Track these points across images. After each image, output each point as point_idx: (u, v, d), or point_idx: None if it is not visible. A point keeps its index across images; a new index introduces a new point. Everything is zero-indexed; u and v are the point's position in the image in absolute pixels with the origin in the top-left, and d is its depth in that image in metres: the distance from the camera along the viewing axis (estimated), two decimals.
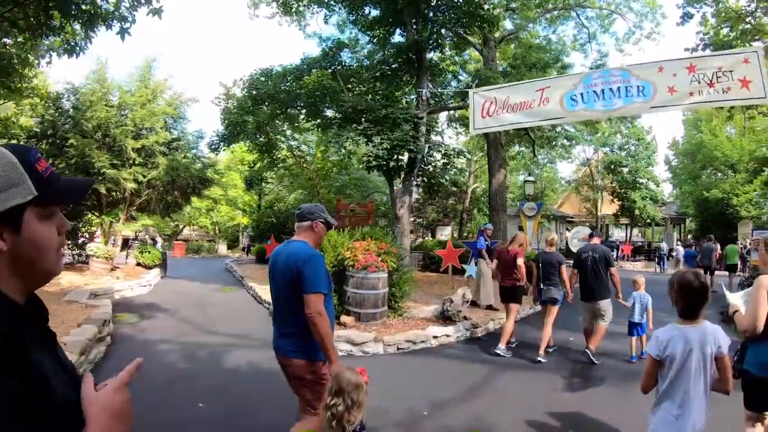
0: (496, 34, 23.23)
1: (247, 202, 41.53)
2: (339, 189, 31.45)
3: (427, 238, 35.68)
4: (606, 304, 9.27)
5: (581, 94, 10.74)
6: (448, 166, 16.03)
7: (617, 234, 51.90)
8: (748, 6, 19.07)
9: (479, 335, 11.43)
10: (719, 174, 43.26)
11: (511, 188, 41.70)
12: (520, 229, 18.49)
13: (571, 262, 10.05)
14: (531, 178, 22.86)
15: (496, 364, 9.09)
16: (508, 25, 25.63)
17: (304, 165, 29.57)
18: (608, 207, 43.42)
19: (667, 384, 3.67)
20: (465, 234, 34.77)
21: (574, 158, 44.96)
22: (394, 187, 16.65)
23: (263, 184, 36.12)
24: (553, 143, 27.28)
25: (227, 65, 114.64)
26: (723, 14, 19.04)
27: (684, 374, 3.59)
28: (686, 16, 18.39)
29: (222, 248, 47.95)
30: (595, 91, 10.62)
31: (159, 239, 42.90)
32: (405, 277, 12.36)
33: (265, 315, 12.78)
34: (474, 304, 13.34)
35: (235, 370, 8.38)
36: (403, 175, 14.63)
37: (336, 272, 11.03)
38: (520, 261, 9.78)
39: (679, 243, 36.60)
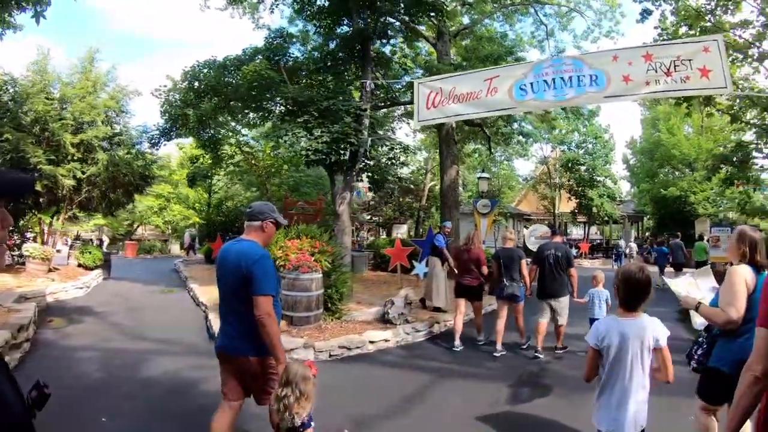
0: (452, 28, 22.68)
1: (198, 200, 40.54)
2: (294, 186, 30.46)
3: (382, 237, 35.34)
4: (564, 302, 9.46)
5: (531, 83, 10.10)
6: (393, 161, 15.28)
7: (575, 232, 52.19)
8: (708, 4, 18.83)
9: (421, 340, 10.76)
10: (677, 172, 43.65)
11: (469, 186, 41.39)
12: (475, 227, 17.97)
13: (529, 259, 10.24)
14: (485, 175, 22.26)
15: (436, 371, 8.42)
16: (465, 20, 25.12)
17: (253, 162, 28.65)
18: (566, 205, 43.62)
19: (605, 374, 3.84)
20: (421, 232, 34.30)
21: (530, 156, 45.08)
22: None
23: (212, 181, 35.04)
24: (509, 140, 26.71)
25: (182, 60, 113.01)
26: (683, 12, 18.79)
27: (620, 365, 3.75)
28: (645, 13, 18.06)
29: (175, 248, 46.84)
30: (545, 81, 9.99)
31: (105, 239, 41.83)
32: (343, 278, 11.64)
33: (200, 319, 12.14)
34: (424, 304, 12.86)
35: (152, 379, 7.72)
36: (344, 170, 13.90)
37: None
38: (485, 269, 10.15)
39: (632, 241, 37.23)
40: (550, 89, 9.94)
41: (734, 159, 24.19)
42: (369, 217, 37.68)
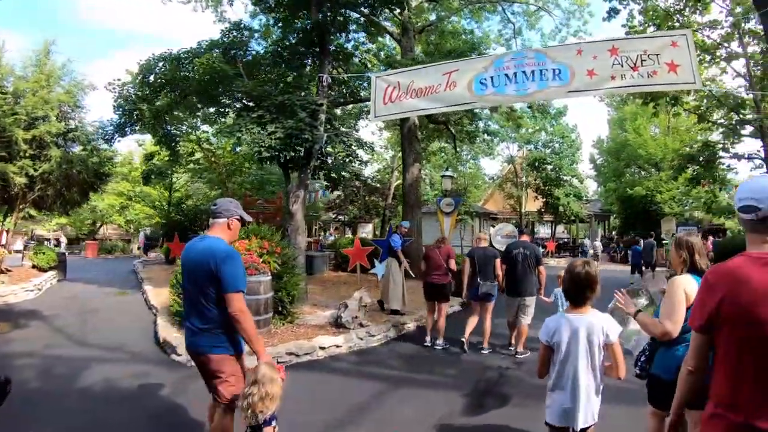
0: (418, 24, 22.30)
1: (159, 199, 39.66)
2: (259, 185, 29.87)
3: (345, 236, 34.84)
4: (531, 300, 9.47)
5: (491, 77, 9.71)
6: (351, 158, 14.76)
7: (543, 231, 52.37)
8: (677, 4, 18.75)
9: (376, 345, 10.25)
10: (643, 172, 44.20)
11: (436, 185, 41.03)
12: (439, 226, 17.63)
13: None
14: (449, 173, 21.76)
15: (390, 379, 7.98)
16: (433, 17, 24.68)
17: (213, 159, 27.92)
18: (532, 204, 43.66)
19: (556, 370, 3.92)
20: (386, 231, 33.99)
21: (496, 155, 45.34)
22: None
23: (172, 179, 34.14)
24: (474, 138, 26.28)
25: (144, 54, 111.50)
26: (651, 12, 18.69)
27: (570, 361, 3.84)
28: (613, 12, 17.87)
29: (137, 248, 45.67)
30: (506, 75, 9.60)
31: (63, 239, 40.85)
32: (295, 280, 11.07)
33: (150, 323, 11.54)
34: (382, 306, 12.51)
35: (90, 388, 7.25)
36: (299, 167, 13.36)
37: None
38: (453, 264, 10.18)
39: (597, 240, 36.96)
40: (512, 83, 9.58)
41: (701, 159, 24.40)
42: (334, 216, 37.28)
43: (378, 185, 36.97)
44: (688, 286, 4.01)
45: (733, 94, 22.74)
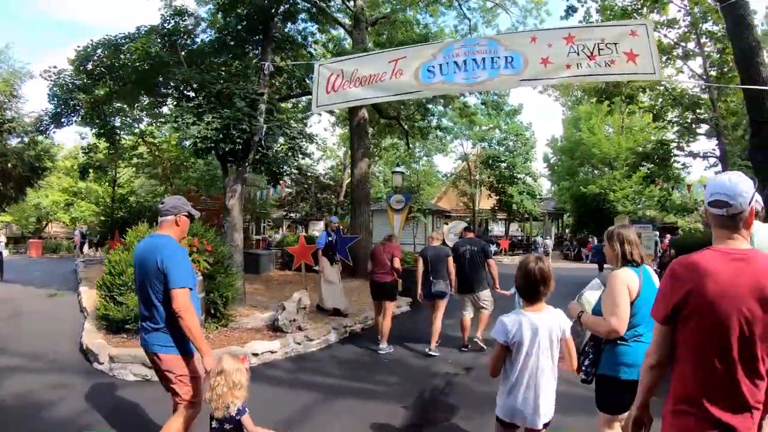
0: (371, 17, 21.67)
1: (102, 195, 38.38)
2: (209, 181, 28.78)
3: (293, 234, 34.06)
4: (486, 294, 9.67)
5: (440, 65, 9.18)
6: (294, 152, 14.05)
7: (497, 229, 52.46)
8: (635, 3, 18.69)
9: (314, 350, 9.63)
10: (596, 171, 44.81)
11: (389, 182, 40.62)
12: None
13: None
14: (399, 169, 21.24)
15: (326, 388, 7.35)
16: (386, 10, 24.09)
17: (157, 153, 26.96)
18: (486, 202, 44.00)
19: (517, 369, 3.78)
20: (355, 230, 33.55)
21: (449, 151, 45.85)
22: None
23: (115, 174, 32.91)
24: (426, 134, 25.79)
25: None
26: (608, 11, 18.74)
27: (531, 359, 3.76)
28: (570, 10, 17.54)
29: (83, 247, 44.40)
30: (456, 62, 9.08)
31: (2, 238, 39.39)
32: (229, 280, 10.26)
33: (77, 327, 10.62)
34: (338, 312, 11.86)
35: (2, 401, 6.55)
36: (237, 160, 12.63)
37: None
38: (398, 262, 9.93)
39: (547, 238, 38.44)
40: (461, 71, 9.06)
41: (655, 157, 24.44)
42: (285, 213, 36.65)
43: (330, 182, 36.46)
44: (630, 280, 3.96)
45: (689, 94, 22.79)
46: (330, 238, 12.53)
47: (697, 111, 22.48)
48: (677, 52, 21.50)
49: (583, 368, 4.20)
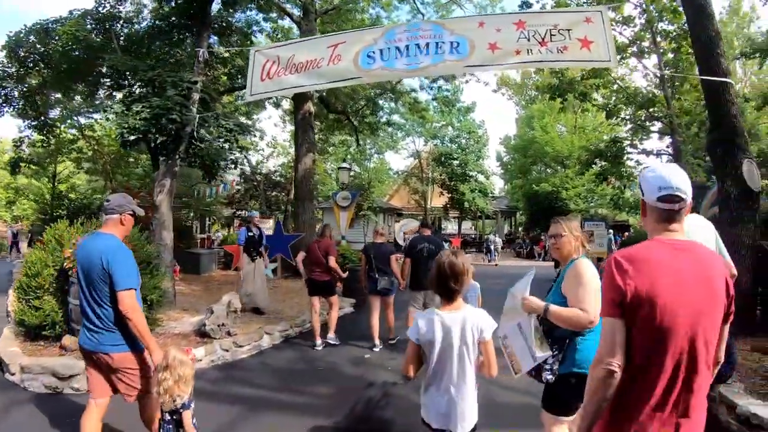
0: (320, 7, 20.97)
1: (42, 191, 37.01)
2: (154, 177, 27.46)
3: (233, 233, 33.72)
4: None
5: (381, 50, 8.71)
6: (230, 144, 13.31)
7: (450, 227, 52.46)
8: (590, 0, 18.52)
9: (244, 356, 8.93)
10: (549, 169, 44.78)
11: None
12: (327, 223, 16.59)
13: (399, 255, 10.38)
14: (345, 165, 20.67)
15: (248, 403, 6.67)
16: (336, 0, 23.24)
17: (96, 148, 25.85)
18: (438, 199, 43.94)
19: (431, 370, 3.64)
20: (290, 227, 32.81)
21: (400, 148, 45.95)
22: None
23: (55, 169, 31.63)
24: (375, 130, 25.12)
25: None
26: (564, 7, 18.17)
27: (445, 361, 3.57)
28: (525, 5, 17.05)
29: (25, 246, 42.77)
30: (398, 48, 8.62)
31: None
32: (155, 282, 9.31)
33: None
34: (257, 311, 11.43)
35: None
36: (167, 153, 11.83)
37: (58, 278, 8.28)
38: (333, 261, 9.80)
39: (496, 235, 37.98)
40: (403, 57, 8.61)
41: (608, 154, 24.48)
42: (233, 211, 35.73)
43: (281, 179, 35.62)
44: (594, 269, 3.92)
45: (643, 92, 22.64)
46: (251, 234, 12.05)
47: (651, 109, 22.29)
48: (632, 50, 21.27)
49: (549, 367, 3.91)
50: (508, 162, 54.07)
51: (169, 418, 4.19)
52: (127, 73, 12.65)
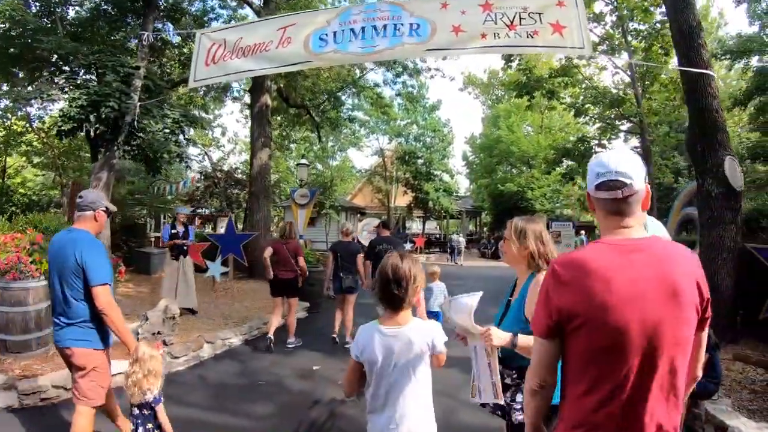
0: None
1: None
2: (117, 173, 26.20)
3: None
4: None
5: (334, 32, 8.12)
6: (175, 134, 12.47)
7: (415, 227, 52.16)
8: None
9: (181, 369, 8.07)
10: (515, 169, 44.74)
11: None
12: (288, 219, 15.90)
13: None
14: (304, 161, 19.86)
15: (179, 424, 5.54)
16: None
17: (45, 140, 24.65)
18: (402, 199, 43.65)
19: (371, 390, 3.17)
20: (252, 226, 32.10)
21: (363, 146, 45.49)
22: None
23: (5, 163, 30.33)
24: (337, 125, 24.08)
25: None
26: None
27: (386, 383, 3.09)
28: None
29: None
30: (353, 30, 8.04)
31: None
32: None
33: None
34: (191, 311, 10.96)
35: None
36: (105, 143, 10.97)
37: None
38: (302, 261, 9.81)
39: (460, 235, 37.66)
40: (357, 39, 8.03)
41: (575, 153, 24.17)
42: (192, 209, 34.82)
43: (243, 177, 34.86)
44: None
45: (612, 92, 22.30)
46: (174, 231, 11.42)
47: (620, 108, 21.83)
48: (602, 48, 20.84)
49: (518, 406, 3.37)
50: (473, 161, 54.00)
51: (137, 412, 4.21)
52: (70, 57, 11.67)
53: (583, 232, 27.86)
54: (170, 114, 12.04)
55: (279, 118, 22.57)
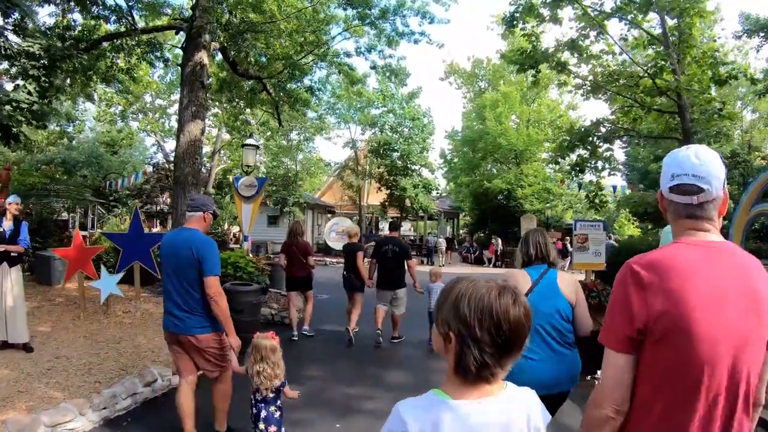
0: None
1: None
2: (67, 168, 25.22)
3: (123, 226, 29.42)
4: (403, 293, 10.15)
5: None
6: (44, 104, 8.96)
7: (387, 228, 49.39)
8: None
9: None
10: (501, 165, 41.90)
11: (267, 172, 35.87)
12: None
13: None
14: (251, 142, 14.86)
15: None
16: None
17: None
18: (375, 196, 41.12)
19: None
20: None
21: (333, 136, 44.56)
22: None
23: None
24: (296, 101, 19.48)
25: None
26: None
27: None
28: None
29: None
30: None
31: None
32: None
33: None
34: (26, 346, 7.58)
35: None
36: None
37: None
38: (312, 261, 10.40)
39: (439, 237, 36.82)
40: None
41: (591, 138, 20.39)
42: (141, 205, 32.07)
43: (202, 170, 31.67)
44: (518, 279, 3.84)
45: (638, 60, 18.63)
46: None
47: (655, 79, 17.53)
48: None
49: None
50: (452, 159, 50.83)
51: (261, 396, 4.47)
52: None
53: (613, 236, 24.92)
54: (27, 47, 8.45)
55: (230, 94, 18.31)
